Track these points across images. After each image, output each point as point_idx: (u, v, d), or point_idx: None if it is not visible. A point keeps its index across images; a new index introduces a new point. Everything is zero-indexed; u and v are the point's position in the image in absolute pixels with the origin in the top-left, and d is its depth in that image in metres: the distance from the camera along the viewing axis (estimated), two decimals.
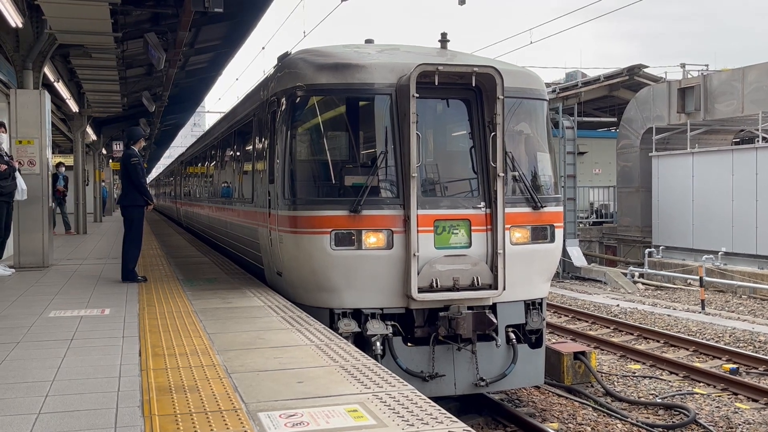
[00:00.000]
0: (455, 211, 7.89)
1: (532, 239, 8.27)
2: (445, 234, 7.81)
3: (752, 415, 9.16)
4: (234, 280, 10.34)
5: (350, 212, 7.61)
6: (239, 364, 5.34)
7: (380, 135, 8.13)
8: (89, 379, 5.01)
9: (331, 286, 7.80)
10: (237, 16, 16.19)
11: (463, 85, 7.98)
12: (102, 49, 14.46)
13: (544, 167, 8.86)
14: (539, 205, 8.26)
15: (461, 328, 7.71)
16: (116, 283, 9.98)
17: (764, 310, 17.72)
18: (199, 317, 7.30)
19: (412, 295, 7.56)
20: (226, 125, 14.72)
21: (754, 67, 23.29)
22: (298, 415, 4.14)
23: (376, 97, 8.09)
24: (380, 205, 7.73)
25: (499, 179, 7.82)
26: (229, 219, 13.34)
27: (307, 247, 7.82)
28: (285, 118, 8.42)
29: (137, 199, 10.12)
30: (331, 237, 7.63)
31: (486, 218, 7.92)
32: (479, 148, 8.08)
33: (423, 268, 7.60)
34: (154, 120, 30.29)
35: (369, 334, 7.67)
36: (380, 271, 7.69)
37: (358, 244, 7.64)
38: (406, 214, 7.64)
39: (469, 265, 7.75)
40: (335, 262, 7.67)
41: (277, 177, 8.55)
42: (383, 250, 7.66)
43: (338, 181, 8.04)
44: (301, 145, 8.52)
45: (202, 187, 19.54)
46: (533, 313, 8.39)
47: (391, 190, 7.86)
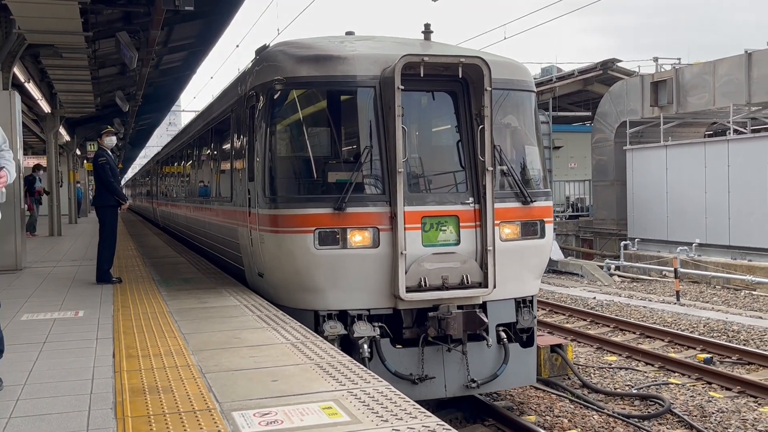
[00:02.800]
0: (443, 207, 7.68)
1: (522, 235, 8.06)
2: (432, 231, 7.59)
3: (726, 404, 9.30)
4: (210, 279, 10.29)
5: (334, 210, 7.37)
6: (214, 364, 5.32)
7: (364, 129, 7.89)
8: (61, 382, 4.97)
9: (316, 286, 7.56)
10: (210, 15, 16.08)
11: (449, 77, 7.76)
12: (73, 49, 14.30)
13: (532, 161, 8.64)
14: (529, 200, 8.06)
15: (451, 328, 7.47)
16: (91, 285, 9.89)
17: (737, 300, 17.98)
18: (174, 318, 7.26)
19: (400, 295, 7.34)
20: (202, 123, 14.39)
21: (725, 61, 23.58)
22: (272, 414, 4.13)
23: (359, 89, 7.83)
24: (365, 202, 7.51)
25: (487, 173, 7.59)
26: (207, 219, 13.05)
27: (289, 246, 7.58)
28: (264, 113, 8.16)
29: (109, 199, 10.02)
30: (315, 236, 7.39)
31: (475, 214, 7.71)
32: (466, 141, 7.86)
33: (411, 267, 7.39)
34: (129, 120, 30.01)
35: (356, 336, 7.41)
36: (366, 271, 7.46)
37: (342, 243, 7.40)
38: (393, 211, 7.42)
39: (458, 263, 7.55)
40: (319, 261, 7.43)
41: (257, 175, 8.30)
42: (369, 248, 7.42)
43: (321, 177, 7.80)
44: (282, 140, 8.28)
45: (179, 186, 19.09)
46: (524, 312, 8.20)
47: (377, 186, 7.64)
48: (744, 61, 22.55)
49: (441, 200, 7.74)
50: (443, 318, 7.47)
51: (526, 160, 8.60)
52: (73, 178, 31.25)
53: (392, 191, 7.42)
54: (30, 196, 20.45)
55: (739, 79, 22.68)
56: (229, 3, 15.61)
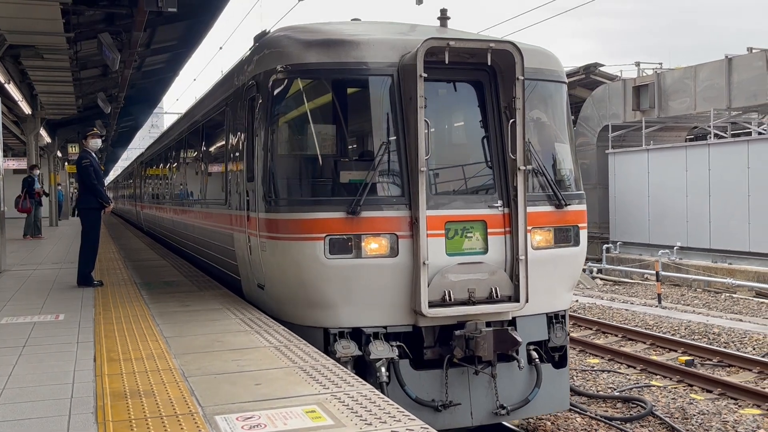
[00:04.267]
0: (469, 211, 6.91)
1: (556, 243, 7.31)
2: (457, 238, 6.83)
3: (707, 406, 9.37)
4: (192, 283, 10.22)
5: (347, 214, 6.59)
6: (196, 368, 5.28)
7: (381, 123, 7.10)
8: (41, 386, 4.91)
9: (326, 301, 6.74)
10: (193, 16, 16.02)
11: (475, 65, 7.00)
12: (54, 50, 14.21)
13: (564, 159, 7.86)
14: (563, 203, 7.32)
15: (481, 349, 6.66)
16: (72, 288, 9.80)
17: (718, 302, 18.15)
18: (156, 321, 7.20)
19: (422, 311, 6.54)
20: (192, 119, 13.30)
21: (706, 66, 23.82)
22: (255, 418, 4.11)
23: (375, 78, 7.01)
24: (382, 206, 6.73)
25: (519, 173, 6.84)
26: (198, 223, 12.04)
27: (296, 255, 6.76)
28: (267, 105, 7.32)
29: (92, 201, 9.94)
30: (325, 243, 6.59)
31: (504, 219, 6.96)
32: (494, 137, 7.10)
33: (433, 279, 6.62)
34: (111, 122, 29.82)
35: (372, 358, 6.59)
36: (383, 283, 6.68)
37: (356, 252, 6.63)
38: (414, 216, 6.65)
39: (486, 274, 6.79)
40: (330, 273, 6.63)
41: (257, 174, 7.46)
42: (387, 257, 6.65)
43: (332, 177, 7.08)
44: (287, 136, 7.50)
45: (166, 187, 17.85)
46: (556, 328, 7.43)
47: (395, 187, 6.86)
48: (724, 66, 22.80)
49: (466, 203, 6.99)
50: (471, 337, 6.68)
51: (558, 159, 7.81)
52: (54, 180, 30.97)
53: (413, 193, 6.68)
54: (30, 198, 20.22)
55: (719, 84, 22.93)
56: (213, 5, 15.56)
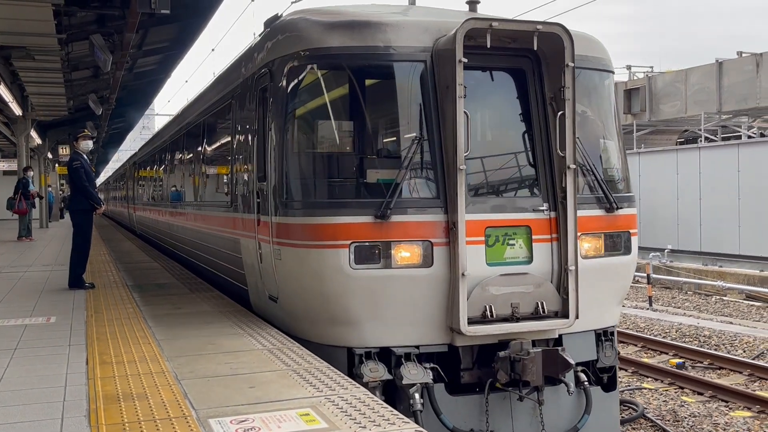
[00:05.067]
0: (511, 215, 6.23)
1: (606, 251, 6.61)
2: (498, 246, 6.15)
3: (698, 408, 9.41)
4: (185, 285, 10.19)
5: (375, 218, 5.89)
6: (189, 371, 5.27)
7: (412, 115, 6.39)
8: (33, 389, 4.88)
9: (350, 317, 6.05)
10: (185, 18, 16.00)
11: (516, 51, 6.34)
12: (45, 51, 14.16)
13: (613, 157, 7.17)
14: (615, 206, 6.60)
15: (529, 372, 5.90)
16: (63, 291, 9.75)
17: (708, 305, 18.23)
18: (149, 323, 7.18)
19: (460, 329, 5.84)
20: (192, 115, 12.33)
21: (697, 69, 23.97)
22: (249, 421, 4.11)
23: (407, 64, 6.29)
24: (415, 209, 6.04)
25: (569, 172, 6.15)
26: (198, 227, 11.16)
27: (316, 264, 6.05)
28: (281, 96, 6.61)
29: (84, 203, 9.90)
30: (351, 251, 5.89)
31: (550, 224, 6.29)
32: (538, 132, 6.42)
33: (473, 292, 5.93)
34: (102, 123, 29.73)
35: (405, 383, 5.87)
36: (416, 297, 6.00)
37: (385, 261, 5.93)
38: (451, 220, 5.95)
39: (531, 287, 6.11)
40: (355, 285, 5.95)
41: (271, 173, 6.73)
42: (420, 268, 5.96)
43: (357, 177, 6.36)
44: (306, 130, 6.79)
45: (163, 188, 16.85)
46: (605, 346, 6.73)
47: (429, 188, 6.16)
48: (715, 70, 22.95)
49: (508, 207, 6.31)
50: (518, 359, 5.96)
51: (606, 157, 7.10)
52: (45, 181, 30.84)
53: (450, 194, 5.97)
54: (25, 200, 20.19)
55: (710, 88, 23.08)
56: (205, 6, 15.55)
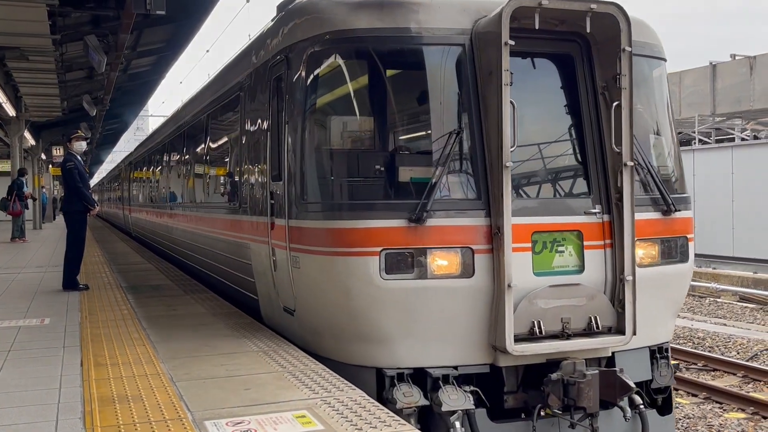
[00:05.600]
0: (561, 218, 5.62)
1: (662, 258, 5.99)
2: (546, 253, 5.55)
3: (692, 410, 9.43)
4: (179, 287, 10.18)
5: (409, 222, 5.28)
6: (185, 372, 5.25)
7: (450, 105, 5.72)
8: (27, 391, 4.87)
9: (380, 333, 5.43)
10: (180, 19, 15.97)
11: (563, 35, 5.72)
12: (40, 52, 14.13)
13: (667, 154, 6.55)
14: (673, 208, 5.98)
15: (585, 397, 5.25)
16: (57, 292, 9.72)
17: (702, 307, 18.28)
18: (144, 325, 7.16)
19: (505, 347, 5.21)
20: (194, 110, 11.60)
21: (690, 72, 24.05)
22: (245, 423, 4.10)
23: (443, 48, 5.68)
24: (454, 211, 5.41)
25: (625, 170, 5.50)
26: (201, 230, 10.43)
27: (341, 274, 5.44)
28: (301, 85, 5.97)
29: (77, 204, 9.88)
30: (381, 259, 5.28)
31: (603, 228, 5.65)
32: (589, 124, 5.79)
33: (519, 306, 5.32)
34: (96, 124, 29.65)
35: (445, 410, 5.23)
36: (454, 311, 5.39)
37: (420, 270, 5.32)
38: (495, 224, 5.34)
39: (584, 299, 5.50)
40: (387, 297, 5.33)
41: (287, 172, 6.11)
42: (458, 278, 5.35)
43: (389, 175, 5.69)
44: (329, 123, 6.12)
45: (161, 188, 16.03)
46: (661, 365, 6.11)
47: (470, 187, 5.55)
48: (709, 72, 23.03)
49: (556, 209, 5.71)
50: (572, 382, 5.28)
51: (660, 153, 6.47)
52: (39, 182, 30.75)
53: (494, 195, 5.36)
54: (19, 201, 20.22)
55: (704, 90, 23.17)
56: (200, 7, 15.52)
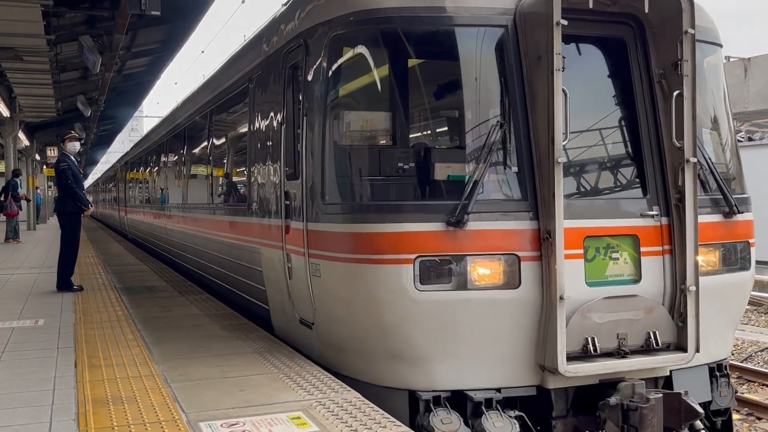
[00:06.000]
0: (615, 221, 5.04)
1: (723, 265, 5.40)
2: (599, 260, 4.98)
3: None
4: (174, 287, 10.15)
5: (447, 225, 4.74)
6: (179, 374, 5.23)
7: (491, 94, 5.16)
8: (21, 392, 4.84)
9: (414, 352, 4.88)
10: (175, 20, 15.94)
11: (614, 16, 5.16)
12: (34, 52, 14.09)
13: (726, 150, 5.92)
14: (736, 210, 5.39)
15: (648, 425, 4.68)
16: (51, 293, 9.68)
17: None
18: (138, 326, 7.14)
19: (557, 367, 4.66)
20: (196, 105, 10.97)
21: None
22: (240, 424, 4.08)
23: (482, 30, 5.07)
24: (498, 213, 4.85)
25: (687, 167, 4.96)
26: (204, 233, 9.79)
27: (369, 284, 4.87)
28: (323, 73, 5.36)
29: (71, 205, 9.84)
30: (415, 267, 4.73)
31: (661, 232, 5.08)
32: (644, 117, 5.21)
33: (570, 320, 4.76)
34: (91, 125, 29.59)
35: None
36: (497, 327, 4.84)
37: (460, 280, 4.76)
38: (545, 227, 4.78)
39: (641, 312, 4.92)
40: (422, 310, 4.77)
41: (305, 170, 5.54)
42: (502, 289, 4.80)
43: (424, 172, 5.15)
44: (355, 116, 5.59)
45: (160, 189, 15.37)
46: (721, 384, 5.54)
47: (514, 186, 4.99)
48: None
49: (610, 211, 5.11)
50: (633, 407, 4.72)
51: (718, 149, 5.87)
52: (33, 183, 30.66)
53: (544, 195, 4.81)
54: (15, 202, 20.18)
55: None
56: (195, 8, 15.51)
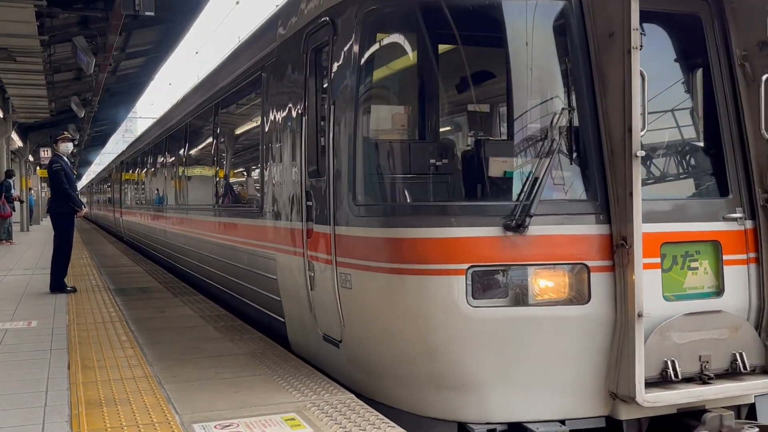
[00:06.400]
0: (693, 225, 4.47)
1: None
2: (676, 270, 4.39)
3: None
4: (167, 289, 10.13)
5: (505, 230, 4.14)
6: (173, 375, 5.22)
7: (553, 78, 4.58)
8: (14, 394, 4.82)
9: (466, 377, 4.28)
10: (169, 20, 15.92)
11: None
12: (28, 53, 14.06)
13: None
14: None
15: None
16: (44, 295, 9.65)
17: None
18: (132, 327, 7.12)
19: (635, 396, 4.01)
20: (201, 98, 10.22)
21: None
22: (234, 425, 4.08)
23: (542, 4, 4.52)
24: (563, 215, 4.26)
25: None
26: (209, 237, 9.14)
27: (413, 298, 4.27)
28: (355, 56, 4.69)
29: (64, 206, 9.82)
30: (468, 279, 4.13)
31: (746, 238, 4.54)
32: (724, 105, 4.63)
33: (648, 341, 4.14)
34: (84, 125, 29.50)
35: None
36: (563, 348, 4.23)
37: (519, 294, 4.17)
38: (619, 232, 4.15)
39: (726, 331, 4.34)
40: (475, 329, 4.17)
41: (332, 166, 4.88)
42: (569, 305, 4.21)
43: (476, 169, 4.66)
44: (394, 104, 5.04)
45: (159, 188, 14.53)
46: None
47: (582, 185, 4.39)
48: None
49: (687, 213, 4.55)
50: None
51: None
52: (26, 184, 30.58)
53: (617, 194, 4.17)
54: (8, 203, 20.18)
55: None
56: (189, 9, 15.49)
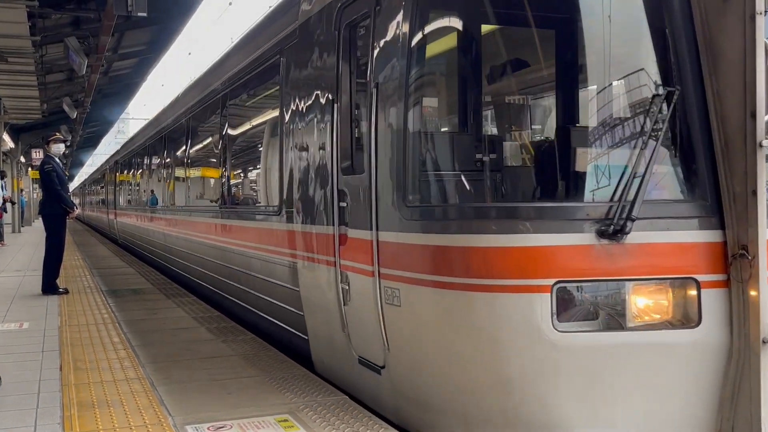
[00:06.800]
0: None
1: None
2: None
3: None
4: (160, 290, 10.10)
5: (599, 237, 3.54)
6: (165, 377, 5.21)
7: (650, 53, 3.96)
8: (6, 396, 4.80)
9: (551, 417, 3.62)
10: (162, 21, 15.90)
11: None
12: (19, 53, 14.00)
13: None
14: None
15: None
16: (36, 296, 9.61)
17: None
18: (124, 329, 7.10)
19: None
20: (204, 90, 9.42)
21: None
22: (227, 427, 4.07)
23: None
24: (665, 219, 3.64)
25: None
26: (216, 241, 8.35)
27: (484, 320, 3.63)
28: (403, 33, 4.05)
29: (56, 207, 9.79)
30: (553, 298, 3.51)
31: None
32: None
33: None
34: (76, 126, 29.41)
35: None
36: (668, 381, 3.63)
37: (614, 315, 3.60)
38: (738, 241, 3.58)
39: None
40: (563, 359, 3.55)
41: (374, 160, 4.26)
42: (675, 329, 3.61)
43: (559, 163, 4.16)
44: (456, 89, 4.47)
45: (159, 188, 13.62)
46: None
47: (689, 181, 3.78)
48: None
49: None
50: None
51: None
52: (18, 186, 30.45)
53: (731, 194, 3.60)
54: None
55: None
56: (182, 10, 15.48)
